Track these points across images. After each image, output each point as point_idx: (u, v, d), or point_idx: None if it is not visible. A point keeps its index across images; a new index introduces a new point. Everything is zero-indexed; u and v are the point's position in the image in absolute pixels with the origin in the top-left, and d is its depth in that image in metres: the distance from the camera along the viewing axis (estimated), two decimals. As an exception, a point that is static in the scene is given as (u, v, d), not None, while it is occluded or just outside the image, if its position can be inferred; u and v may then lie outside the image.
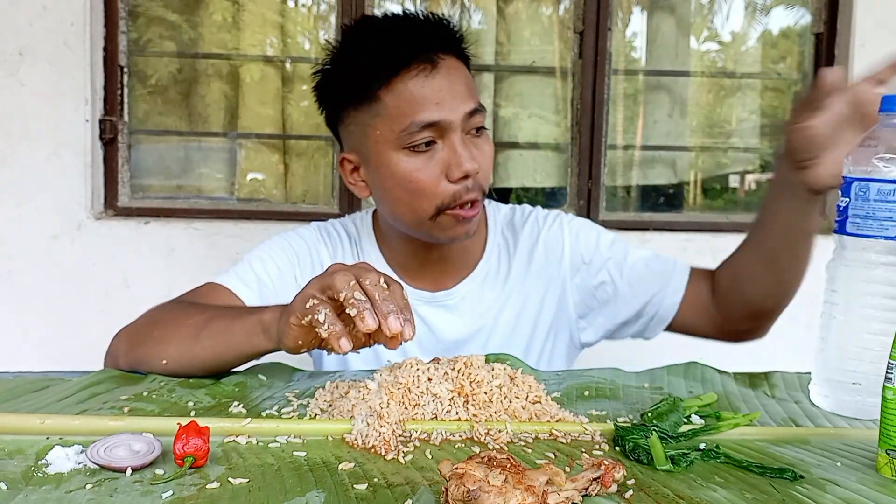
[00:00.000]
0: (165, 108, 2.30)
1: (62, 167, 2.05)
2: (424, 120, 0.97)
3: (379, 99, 1.00)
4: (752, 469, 0.65)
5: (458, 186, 0.99)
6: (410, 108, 0.98)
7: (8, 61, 2.02)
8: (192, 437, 0.62)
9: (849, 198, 0.78)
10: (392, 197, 1.03)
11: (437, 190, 0.99)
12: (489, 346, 1.12)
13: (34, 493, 0.58)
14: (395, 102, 0.98)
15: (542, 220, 1.18)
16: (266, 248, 1.13)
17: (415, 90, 0.98)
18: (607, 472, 0.57)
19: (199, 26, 2.29)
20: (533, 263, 1.15)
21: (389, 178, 1.01)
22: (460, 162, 0.98)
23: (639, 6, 2.43)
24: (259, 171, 2.36)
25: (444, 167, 0.99)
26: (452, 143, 0.99)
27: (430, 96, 0.98)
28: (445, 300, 1.12)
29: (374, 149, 1.02)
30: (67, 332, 2.05)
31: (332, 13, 2.27)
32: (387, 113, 0.99)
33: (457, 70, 1.01)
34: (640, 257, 1.15)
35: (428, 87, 0.98)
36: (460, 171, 0.98)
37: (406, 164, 0.99)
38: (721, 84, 2.48)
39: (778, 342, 2.21)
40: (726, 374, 0.96)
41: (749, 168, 2.55)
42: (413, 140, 0.98)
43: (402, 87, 0.98)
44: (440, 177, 0.99)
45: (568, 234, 1.16)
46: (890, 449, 0.63)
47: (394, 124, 0.99)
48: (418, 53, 0.98)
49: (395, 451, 0.67)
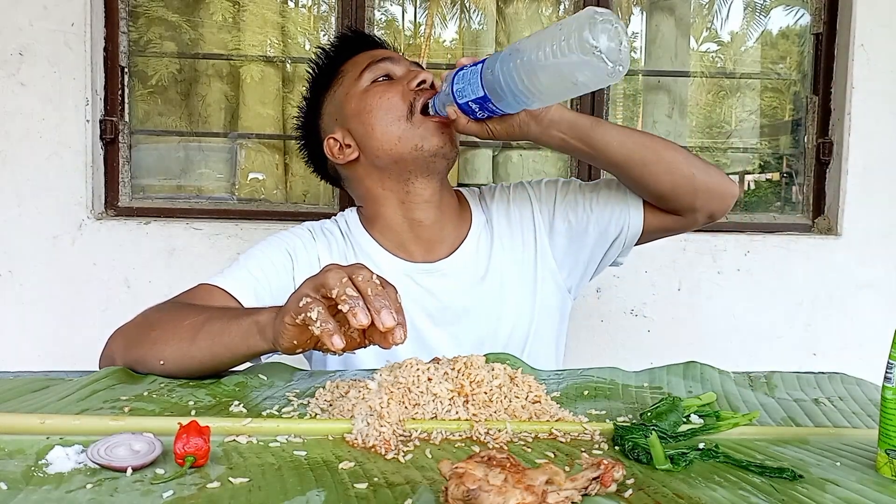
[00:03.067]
0: (166, 109, 2.30)
1: (63, 167, 2.05)
2: (378, 57, 1.20)
3: (343, 70, 1.23)
4: (751, 469, 0.65)
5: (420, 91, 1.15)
6: (366, 59, 1.21)
7: (8, 61, 2.02)
8: (193, 436, 0.62)
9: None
10: (373, 121, 1.16)
11: (404, 95, 1.15)
12: (504, 306, 1.19)
13: (34, 492, 0.58)
14: (354, 64, 1.21)
15: (507, 187, 1.30)
16: (261, 248, 1.16)
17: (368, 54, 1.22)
18: (607, 472, 0.57)
19: (200, 26, 2.29)
20: (512, 224, 1.24)
21: (365, 110, 1.16)
22: (416, 73, 1.17)
23: (638, 7, 2.43)
24: (259, 171, 2.36)
25: (404, 82, 1.17)
26: (406, 68, 1.20)
27: (378, 53, 1.22)
28: (443, 268, 1.19)
29: (348, 103, 1.19)
30: (68, 332, 2.05)
31: (332, 13, 2.27)
32: (350, 74, 1.21)
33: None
34: (593, 185, 1.25)
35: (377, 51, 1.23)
36: (418, 78, 1.15)
37: (374, 90, 1.17)
38: (720, 84, 2.48)
39: (778, 342, 2.22)
40: (726, 374, 0.96)
41: (748, 168, 2.56)
42: (374, 73, 1.18)
43: (359, 56, 1.22)
44: (402, 88, 1.16)
45: (532, 190, 1.27)
46: (889, 449, 0.63)
47: (356, 75, 1.19)
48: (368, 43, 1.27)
49: (395, 451, 0.68)
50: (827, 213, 2.28)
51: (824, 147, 2.27)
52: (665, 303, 2.14)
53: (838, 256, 2.17)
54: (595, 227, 1.21)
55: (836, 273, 2.18)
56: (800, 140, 2.36)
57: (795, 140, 2.40)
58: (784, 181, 2.48)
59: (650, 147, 1.14)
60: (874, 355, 1.05)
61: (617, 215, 1.20)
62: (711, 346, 2.17)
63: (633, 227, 1.21)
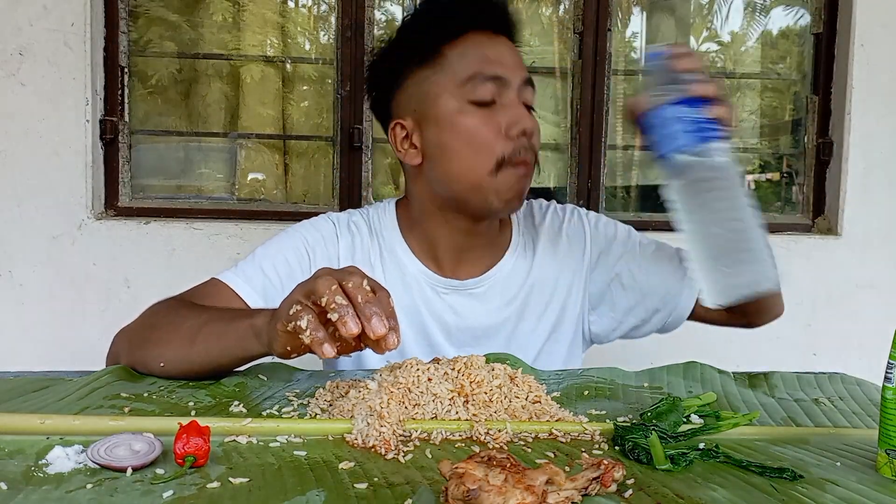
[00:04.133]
0: (166, 109, 2.30)
1: (63, 167, 2.05)
2: (488, 72, 1.02)
3: (444, 54, 1.04)
4: (751, 469, 0.65)
5: (516, 142, 1.02)
6: (475, 62, 1.03)
7: (8, 61, 2.02)
8: (193, 436, 0.62)
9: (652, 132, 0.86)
10: (452, 154, 1.04)
11: (498, 142, 1.01)
12: (516, 333, 1.14)
13: (34, 492, 0.58)
14: (459, 57, 1.04)
15: (561, 213, 1.21)
16: (278, 244, 1.12)
17: (479, 47, 1.04)
18: (607, 472, 0.57)
19: (200, 27, 2.29)
20: (558, 254, 1.17)
21: (450, 133, 1.03)
22: (520, 118, 1.01)
23: (638, 7, 2.43)
24: (259, 171, 2.36)
25: (504, 123, 1.02)
26: (513, 101, 1.03)
27: (492, 55, 1.04)
28: (474, 288, 1.13)
29: (435, 105, 1.05)
30: (68, 332, 2.05)
31: (333, 13, 2.27)
32: (451, 68, 1.04)
33: (513, 49, 1.08)
34: (657, 250, 1.16)
35: (490, 48, 1.04)
36: (519, 127, 1.01)
37: (469, 116, 1.02)
38: (720, 84, 2.48)
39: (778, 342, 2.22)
40: (726, 374, 0.96)
41: (748, 168, 2.56)
42: (476, 93, 1.02)
43: (467, 44, 1.04)
44: (500, 132, 1.02)
45: (588, 226, 1.19)
46: (889, 449, 0.63)
47: (457, 77, 1.03)
48: (481, 21, 1.06)
49: (395, 451, 0.67)
50: (827, 213, 2.28)
51: (824, 147, 2.27)
52: (665, 303, 2.14)
53: (838, 256, 2.17)
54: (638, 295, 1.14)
55: (836, 273, 2.18)
56: (800, 140, 2.36)
57: (795, 140, 2.41)
58: (784, 181, 2.48)
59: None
60: (874, 355, 1.05)
61: (665, 299, 1.13)
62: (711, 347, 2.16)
63: (677, 315, 1.15)
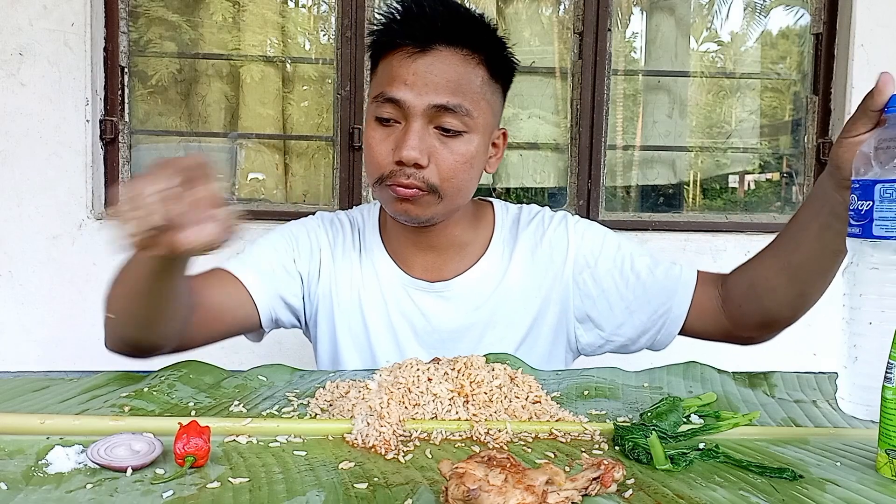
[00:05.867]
0: (166, 109, 2.30)
1: (63, 167, 2.05)
2: (388, 94, 1.01)
3: (377, 67, 1.07)
4: (751, 469, 0.65)
5: (396, 167, 1.02)
6: (385, 81, 1.03)
7: (8, 61, 2.02)
8: (193, 436, 0.62)
9: (872, 200, 0.77)
10: (364, 157, 1.10)
11: (382, 161, 1.03)
12: (484, 339, 1.12)
13: (34, 492, 0.58)
14: (381, 73, 1.05)
15: (547, 220, 1.18)
16: (269, 235, 1.17)
17: (395, 66, 1.02)
18: (607, 472, 0.57)
19: (200, 27, 2.29)
20: (536, 262, 1.15)
21: (364, 140, 1.08)
22: (402, 146, 1.00)
23: (638, 7, 2.43)
24: (259, 171, 2.36)
25: (394, 145, 1.02)
26: (408, 127, 1.01)
27: (403, 76, 1.01)
28: (443, 290, 1.13)
29: (367, 111, 1.09)
30: (68, 332, 2.05)
31: (332, 13, 2.27)
32: (375, 80, 1.07)
33: (447, 64, 1.02)
34: (646, 266, 1.12)
35: (405, 68, 1.01)
36: (397, 155, 1.01)
37: (371, 131, 1.05)
38: (720, 84, 2.48)
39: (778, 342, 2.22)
40: (726, 374, 0.96)
41: (748, 168, 2.56)
42: (378, 111, 1.03)
43: (389, 62, 1.04)
44: (389, 153, 1.02)
45: (573, 235, 1.15)
46: (889, 449, 0.63)
47: (373, 92, 1.06)
48: (415, 36, 1.01)
49: (395, 451, 0.67)
50: (827, 213, 2.27)
51: (824, 147, 2.27)
52: (665, 303, 2.14)
53: (838, 256, 2.17)
54: (626, 313, 1.11)
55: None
56: (800, 140, 2.36)
57: (795, 140, 2.41)
58: (784, 181, 2.48)
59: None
60: (874, 355, 1.05)
61: (653, 318, 1.10)
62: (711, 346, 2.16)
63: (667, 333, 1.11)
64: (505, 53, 1.08)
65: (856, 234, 0.78)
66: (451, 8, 1.05)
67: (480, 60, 1.04)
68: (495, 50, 1.06)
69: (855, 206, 0.78)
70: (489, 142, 1.08)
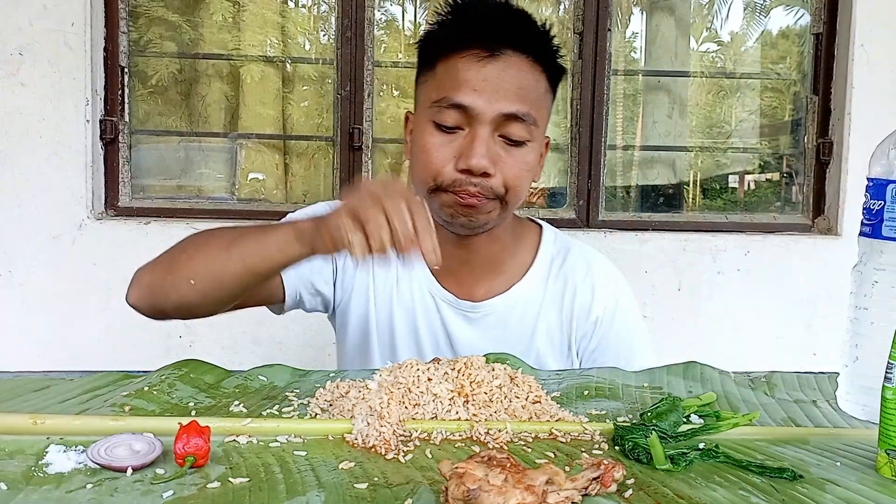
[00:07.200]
0: (166, 109, 2.30)
1: (63, 167, 2.05)
2: (454, 99, 0.98)
3: (435, 67, 1.02)
4: (751, 469, 0.65)
5: (460, 176, 0.99)
6: (450, 85, 0.99)
7: (8, 61, 2.02)
8: (193, 436, 0.62)
9: (884, 200, 0.77)
10: (413, 160, 1.06)
11: (441, 170, 0.99)
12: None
13: (34, 492, 0.58)
14: (443, 75, 1.00)
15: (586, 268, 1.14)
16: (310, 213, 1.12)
17: (461, 70, 0.98)
18: (607, 472, 0.57)
19: (200, 27, 2.29)
20: (565, 303, 1.13)
21: (415, 144, 1.04)
22: (469, 155, 0.97)
23: (638, 7, 2.43)
24: (259, 171, 2.36)
25: (456, 153, 0.99)
26: (475, 134, 0.98)
27: (471, 81, 0.97)
28: (470, 311, 1.10)
29: (418, 112, 1.05)
30: (68, 332, 2.05)
31: (332, 13, 2.27)
32: (434, 82, 1.02)
33: (517, 71, 0.99)
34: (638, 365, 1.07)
35: (473, 72, 0.98)
36: (464, 163, 0.97)
37: (429, 136, 1.00)
38: (720, 84, 2.48)
39: (778, 342, 2.22)
40: (726, 374, 0.96)
41: (748, 168, 2.56)
42: (440, 116, 0.99)
43: (453, 64, 0.99)
44: (450, 160, 0.99)
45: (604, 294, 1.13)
46: (889, 449, 0.63)
47: (433, 94, 1.01)
48: (483, 40, 0.98)
49: (395, 451, 0.67)
50: (827, 213, 2.28)
51: (824, 147, 2.27)
52: (665, 303, 2.14)
53: (838, 256, 2.17)
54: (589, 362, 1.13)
55: (836, 273, 2.18)
56: (800, 140, 2.36)
57: (795, 140, 2.41)
58: (784, 181, 2.48)
59: None
60: (874, 355, 1.05)
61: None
62: (711, 346, 2.17)
63: None
64: (560, 62, 1.06)
65: (866, 232, 0.78)
66: (519, 13, 1.03)
67: (543, 68, 1.02)
68: (554, 58, 1.04)
69: (867, 205, 0.78)
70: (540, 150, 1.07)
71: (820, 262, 2.18)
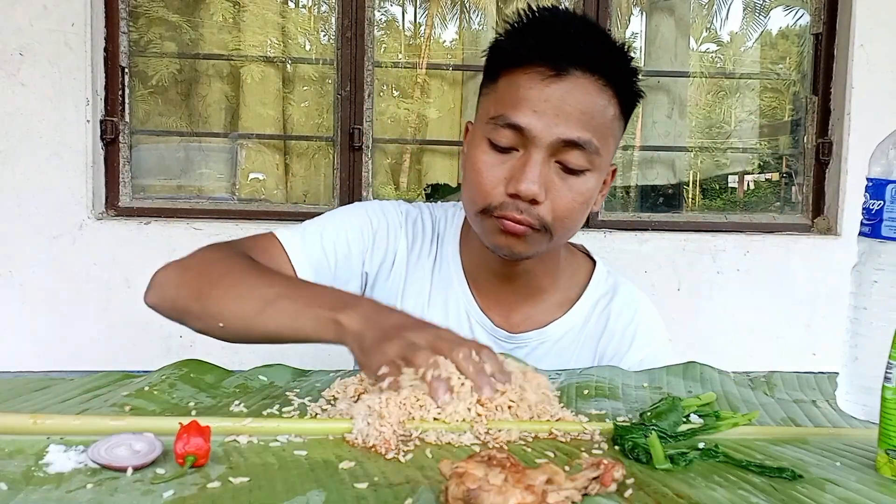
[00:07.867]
0: (166, 109, 2.30)
1: (63, 167, 2.05)
2: (511, 119, 0.92)
3: (497, 81, 0.96)
4: (751, 468, 0.65)
5: (508, 200, 0.93)
6: (509, 102, 0.93)
7: (8, 61, 2.02)
8: (193, 436, 0.62)
9: (883, 200, 0.77)
10: (464, 176, 1.01)
11: (491, 191, 0.94)
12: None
13: (34, 492, 0.58)
14: (503, 90, 0.95)
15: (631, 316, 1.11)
16: (344, 219, 1.08)
17: (522, 87, 0.92)
18: (607, 472, 0.57)
19: (200, 27, 2.29)
20: (598, 351, 1.10)
21: (468, 159, 0.99)
22: (520, 179, 0.91)
23: (638, 7, 2.43)
24: (260, 171, 2.37)
25: (508, 175, 0.93)
26: (529, 158, 0.92)
27: (532, 101, 0.91)
28: (503, 341, 1.06)
29: (477, 125, 1.00)
30: (68, 332, 2.05)
31: (333, 13, 2.28)
32: (495, 96, 0.96)
33: (583, 93, 0.92)
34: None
35: (535, 91, 0.91)
36: (514, 187, 0.92)
37: (482, 154, 0.95)
38: (720, 85, 2.48)
39: (778, 342, 2.22)
40: (725, 374, 0.96)
41: (748, 168, 2.56)
42: (495, 135, 0.93)
43: (516, 80, 0.93)
44: (501, 182, 0.94)
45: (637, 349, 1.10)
46: (889, 449, 0.63)
47: (492, 109, 0.95)
48: (550, 56, 0.91)
49: (395, 451, 0.68)
50: (826, 213, 2.28)
51: (824, 147, 2.27)
52: (665, 303, 2.14)
53: (838, 256, 2.17)
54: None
55: (835, 273, 2.18)
56: (799, 140, 2.37)
57: (795, 140, 2.41)
58: (784, 181, 2.48)
59: None
60: (874, 355, 1.05)
61: None
62: (711, 346, 2.17)
63: None
64: (636, 86, 0.99)
65: (866, 232, 0.78)
66: (592, 29, 0.96)
67: (614, 92, 0.94)
68: (629, 81, 0.97)
69: (867, 205, 0.78)
70: (603, 179, 1.00)
71: (819, 262, 2.18)
